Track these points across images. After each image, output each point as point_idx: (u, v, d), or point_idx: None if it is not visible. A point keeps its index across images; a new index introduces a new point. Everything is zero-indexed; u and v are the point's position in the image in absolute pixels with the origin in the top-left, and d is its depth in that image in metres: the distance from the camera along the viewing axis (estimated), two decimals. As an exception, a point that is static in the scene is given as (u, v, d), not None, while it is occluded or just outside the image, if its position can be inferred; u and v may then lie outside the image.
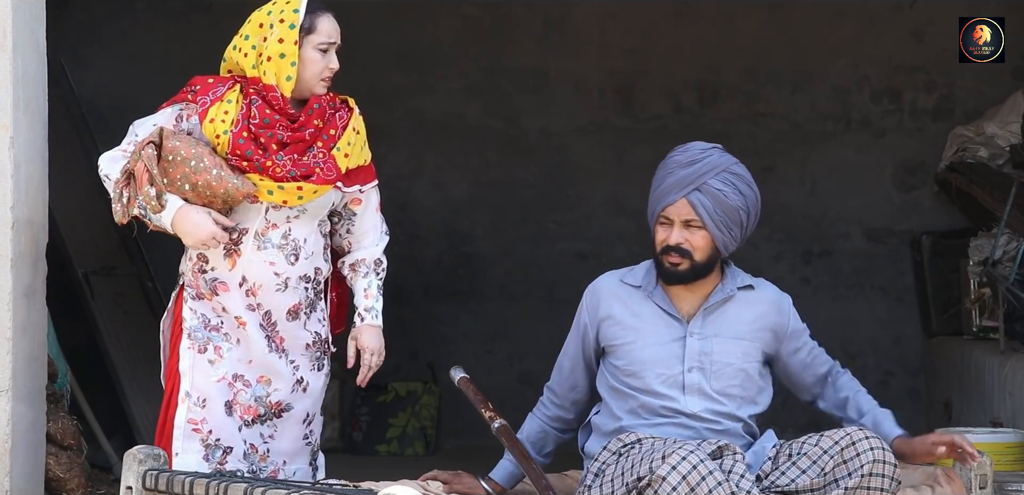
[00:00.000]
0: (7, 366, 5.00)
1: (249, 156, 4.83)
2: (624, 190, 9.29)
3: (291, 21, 4.87)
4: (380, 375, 9.41)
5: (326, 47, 4.93)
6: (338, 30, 4.98)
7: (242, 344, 4.92)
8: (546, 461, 5.00)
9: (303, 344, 5.01)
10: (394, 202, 9.56)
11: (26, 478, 5.18)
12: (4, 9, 5.00)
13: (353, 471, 5.35)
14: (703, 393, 4.78)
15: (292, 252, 4.94)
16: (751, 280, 4.90)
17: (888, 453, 4.58)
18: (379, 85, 9.36)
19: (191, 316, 4.92)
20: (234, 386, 4.92)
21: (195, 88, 4.91)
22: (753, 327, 4.84)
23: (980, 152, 8.74)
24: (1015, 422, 6.89)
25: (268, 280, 4.92)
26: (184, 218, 4.81)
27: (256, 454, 4.94)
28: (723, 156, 4.82)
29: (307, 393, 5.03)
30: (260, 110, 4.86)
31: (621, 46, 9.38)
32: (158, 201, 4.75)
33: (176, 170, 4.78)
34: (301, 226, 4.95)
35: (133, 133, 4.90)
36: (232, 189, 4.80)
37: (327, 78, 4.96)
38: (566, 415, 5.00)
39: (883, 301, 9.29)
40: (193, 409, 4.88)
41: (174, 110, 4.90)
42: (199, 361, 4.90)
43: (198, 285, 4.92)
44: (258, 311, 4.93)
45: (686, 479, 4.38)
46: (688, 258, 4.76)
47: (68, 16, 8.61)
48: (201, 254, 4.91)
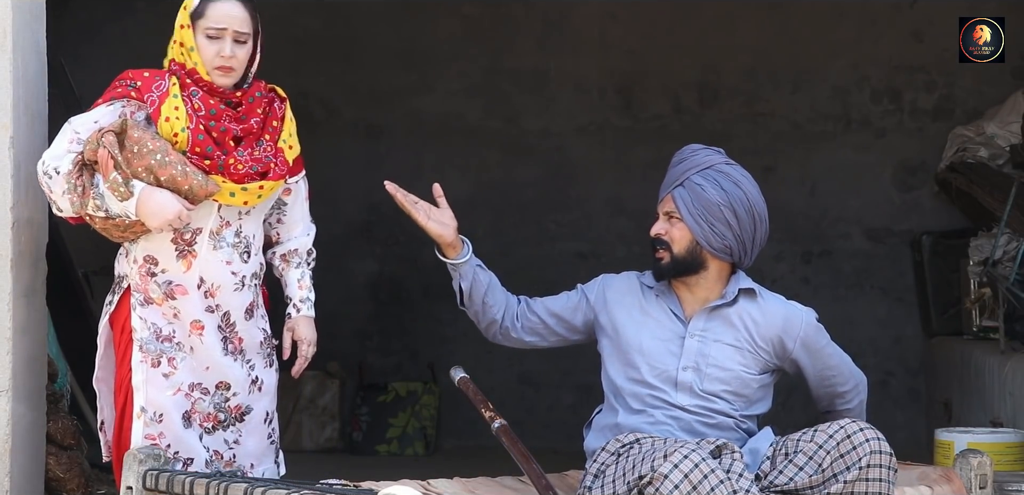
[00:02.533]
0: (7, 366, 4.99)
1: (210, 153, 4.74)
2: (624, 190, 9.30)
3: (187, 4, 4.80)
4: (380, 375, 9.50)
5: (215, 33, 4.77)
6: (239, 17, 4.78)
7: (196, 352, 4.83)
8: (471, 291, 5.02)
9: (257, 343, 4.95)
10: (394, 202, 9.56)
11: (26, 478, 5.17)
12: (4, 9, 4.99)
13: (353, 471, 5.35)
14: (693, 392, 4.82)
15: (244, 250, 4.88)
16: (757, 288, 4.91)
17: (884, 443, 4.58)
18: (379, 85, 9.36)
19: (141, 326, 4.81)
20: (191, 395, 4.83)
21: (135, 84, 4.78)
22: (755, 338, 4.86)
23: (980, 152, 8.74)
24: (1015, 422, 6.89)
25: (226, 280, 4.85)
26: (148, 199, 4.66)
27: (221, 461, 4.86)
28: (712, 156, 4.89)
29: (263, 391, 4.96)
30: (204, 101, 4.77)
31: (621, 46, 9.38)
32: (126, 187, 4.64)
33: (140, 161, 4.66)
34: (250, 223, 4.90)
35: (73, 130, 4.75)
36: (197, 186, 4.70)
37: (222, 67, 4.78)
38: (520, 313, 5.08)
39: (883, 301, 9.30)
40: (150, 424, 4.78)
41: (115, 107, 4.77)
42: (153, 375, 4.79)
43: (147, 289, 4.81)
44: (217, 313, 4.85)
45: (688, 477, 4.39)
46: (668, 250, 4.86)
47: (68, 16, 8.61)
48: (149, 256, 4.80)
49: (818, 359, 4.93)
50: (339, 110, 9.39)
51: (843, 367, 4.98)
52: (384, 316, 9.50)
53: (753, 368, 4.87)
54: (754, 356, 4.86)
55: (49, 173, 4.73)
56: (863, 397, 5.03)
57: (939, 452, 6.34)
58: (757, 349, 4.87)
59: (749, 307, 4.89)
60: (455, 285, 5.05)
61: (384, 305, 9.51)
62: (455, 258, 5.03)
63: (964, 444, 6.12)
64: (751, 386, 4.86)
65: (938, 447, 6.38)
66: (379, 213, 9.43)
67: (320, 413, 9.26)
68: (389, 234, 9.35)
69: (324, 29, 9.18)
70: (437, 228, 5.01)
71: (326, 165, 9.23)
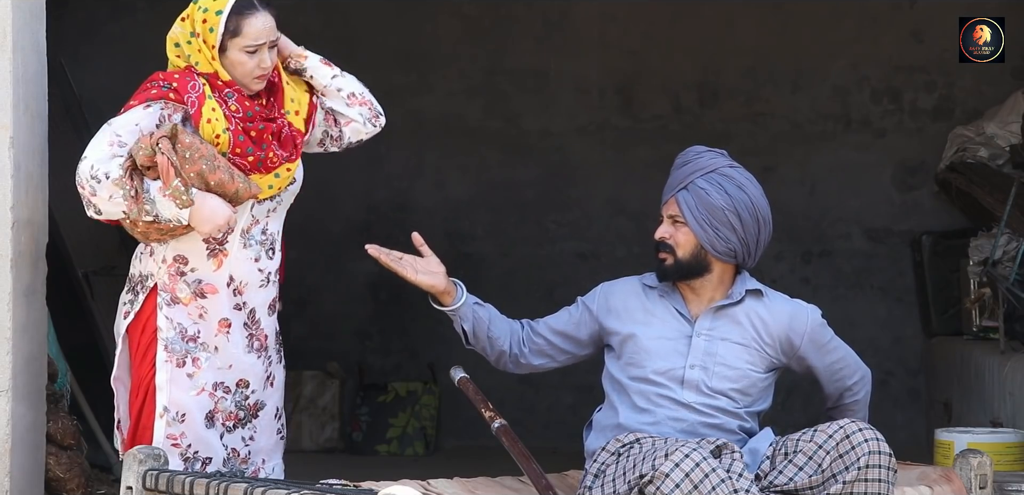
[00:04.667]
0: (7, 366, 4.99)
1: (251, 153, 4.78)
2: (624, 190, 9.30)
3: (212, 24, 4.77)
4: (380, 375, 9.49)
5: (254, 48, 4.80)
6: (270, 27, 4.82)
7: (221, 351, 4.84)
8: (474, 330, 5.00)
9: (274, 338, 4.99)
10: (394, 202, 9.58)
11: (26, 478, 5.17)
12: (4, 9, 4.99)
13: (353, 471, 5.35)
14: (700, 390, 4.82)
15: (270, 247, 4.91)
16: (762, 288, 4.92)
17: (883, 443, 4.59)
18: (379, 85, 9.31)
19: (168, 326, 4.81)
20: (214, 395, 4.84)
21: (170, 85, 4.76)
22: (762, 336, 4.87)
23: (980, 152, 8.74)
24: (1015, 422, 6.89)
25: (253, 277, 4.87)
26: (202, 205, 4.67)
27: (237, 458, 4.89)
28: (716, 159, 4.89)
29: (275, 386, 4.99)
30: (239, 102, 4.79)
31: (621, 46, 9.38)
32: (187, 194, 4.64)
33: (192, 166, 4.66)
34: (276, 220, 4.93)
35: (114, 133, 4.71)
36: (242, 189, 4.73)
37: (261, 76, 4.83)
38: (526, 338, 5.04)
39: (883, 301, 9.30)
40: (172, 424, 4.78)
41: (154, 109, 4.74)
42: (177, 375, 4.80)
43: (175, 289, 4.81)
44: (243, 310, 4.87)
45: (689, 476, 4.39)
46: (672, 254, 4.85)
47: (68, 16, 8.61)
48: (179, 256, 4.79)
49: (826, 354, 4.94)
50: (339, 110, 9.39)
51: (849, 359, 5.00)
52: (384, 316, 9.50)
53: (759, 366, 4.87)
54: (760, 354, 4.87)
55: (98, 177, 4.67)
56: (869, 388, 5.06)
57: (939, 452, 6.33)
58: (764, 347, 4.87)
59: (755, 306, 4.89)
60: (457, 328, 5.02)
61: (384, 305, 9.50)
62: (452, 304, 4.98)
63: (964, 444, 6.12)
64: (757, 385, 4.87)
65: (938, 447, 6.38)
66: (379, 213, 9.43)
67: (320, 413, 9.26)
68: (389, 234, 9.30)
69: (324, 29, 9.17)
70: (428, 279, 4.92)
71: (326, 165, 9.22)
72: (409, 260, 4.92)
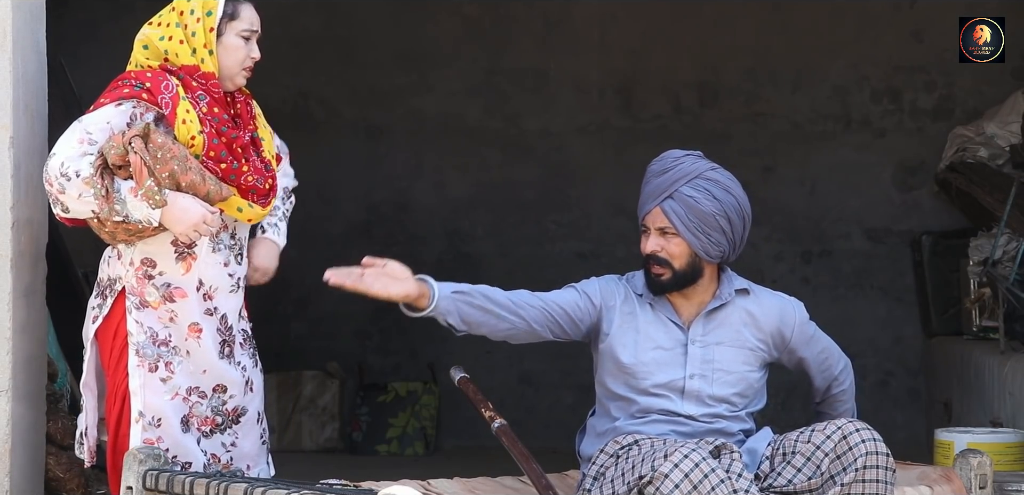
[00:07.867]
0: (7, 366, 4.99)
1: (224, 158, 4.76)
2: (624, 190, 9.28)
3: (210, 7, 4.78)
4: (380, 375, 9.49)
5: (249, 34, 4.82)
6: (258, 18, 4.87)
7: (193, 355, 4.82)
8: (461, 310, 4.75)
9: (248, 343, 4.98)
10: (394, 202, 9.58)
11: (26, 478, 5.18)
12: (4, 9, 4.99)
13: (353, 471, 5.36)
14: (701, 400, 4.80)
15: (239, 252, 4.91)
16: (749, 285, 4.91)
17: (881, 443, 4.58)
18: (379, 85, 9.36)
19: (138, 330, 4.78)
20: (189, 400, 4.83)
21: (143, 84, 4.73)
22: (755, 334, 4.86)
23: (980, 152, 8.74)
24: (1015, 422, 6.89)
25: (223, 282, 4.86)
26: (173, 205, 4.65)
27: (219, 464, 4.86)
28: (697, 162, 4.82)
29: (254, 391, 4.98)
30: (209, 106, 4.78)
31: (621, 46, 9.38)
32: (161, 194, 4.62)
33: (164, 167, 4.64)
34: (244, 226, 4.93)
35: (84, 130, 4.69)
36: (213, 192, 4.72)
37: (249, 68, 4.84)
38: (524, 312, 4.77)
39: (883, 301, 9.30)
40: (148, 429, 4.76)
41: (126, 108, 4.73)
42: (150, 380, 4.78)
43: (143, 292, 4.79)
44: (215, 315, 4.85)
45: (689, 476, 4.39)
46: (668, 267, 4.79)
47: (68, 16, 8.61)
48: (146, 258, 4.77)
49: (813, 345, 4.94)
50: (339, 110, 9.39)
51: (833, 349, 5.01)
52: (384, 316, 9.49)
53: (754, 365, 4.87)
54: (755, 352, 4.86)
55: (67, 175, 4.64)
56: (852, 376, 5.06)
57: (939, 452, 6.33)
58: (756, 344, 4.86)
59: (745, 304, 4.88)
60: (443, 323, 4.77)
61: (384, 305, 9.43)
62: (428, 304, 4.71)
63: (964, 444, 6.12)
64: (753, 386, 4.87)
65: (938, 447, 6.38)
66: (379, 213, 9.43)
67: (320, 413, 9.26)
68: (389, 234, 9.34)
69: (324, 29, 9.18)
70: (399, 288, 4.65)
71: (326, 165, 9.24)
72: (371, 274, 4.66)
